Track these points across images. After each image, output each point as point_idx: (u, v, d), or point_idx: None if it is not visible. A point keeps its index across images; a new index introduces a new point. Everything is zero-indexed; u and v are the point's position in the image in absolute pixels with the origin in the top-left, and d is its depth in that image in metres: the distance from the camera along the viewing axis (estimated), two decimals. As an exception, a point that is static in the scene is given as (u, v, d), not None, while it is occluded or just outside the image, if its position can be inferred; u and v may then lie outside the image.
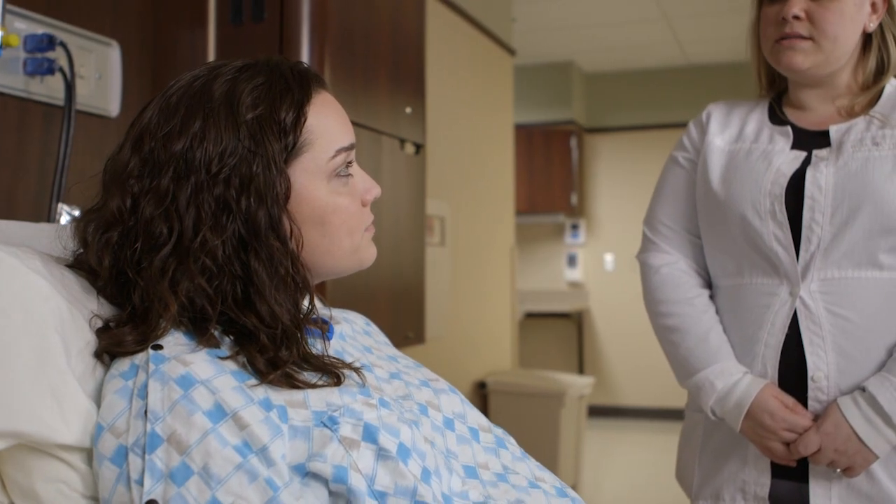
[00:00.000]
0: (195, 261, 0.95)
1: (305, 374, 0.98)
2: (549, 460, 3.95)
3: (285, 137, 1.01)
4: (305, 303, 1.06)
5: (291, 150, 1.01)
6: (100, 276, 1.00)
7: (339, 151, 1.05)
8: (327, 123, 1.05)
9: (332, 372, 0.99)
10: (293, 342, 0.98)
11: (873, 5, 1.56)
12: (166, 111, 1.01)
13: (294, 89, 1.03)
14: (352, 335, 1.18)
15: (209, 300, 0.96)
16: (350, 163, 1.08)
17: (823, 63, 1.55)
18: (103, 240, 0.99)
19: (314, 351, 1.03)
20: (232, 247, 0.97)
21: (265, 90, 1.01)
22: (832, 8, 1.51)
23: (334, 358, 1.03)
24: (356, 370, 1.02)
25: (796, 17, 1.52)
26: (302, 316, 1.02)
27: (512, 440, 1.17)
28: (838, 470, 1.49)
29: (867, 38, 1.58)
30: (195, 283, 0.95)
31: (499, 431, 1.16)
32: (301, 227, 1.02)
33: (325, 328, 1.14)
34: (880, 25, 1.57)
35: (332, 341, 1.10)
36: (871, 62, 1.58)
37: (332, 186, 1.05)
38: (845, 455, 1.46)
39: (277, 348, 0.96)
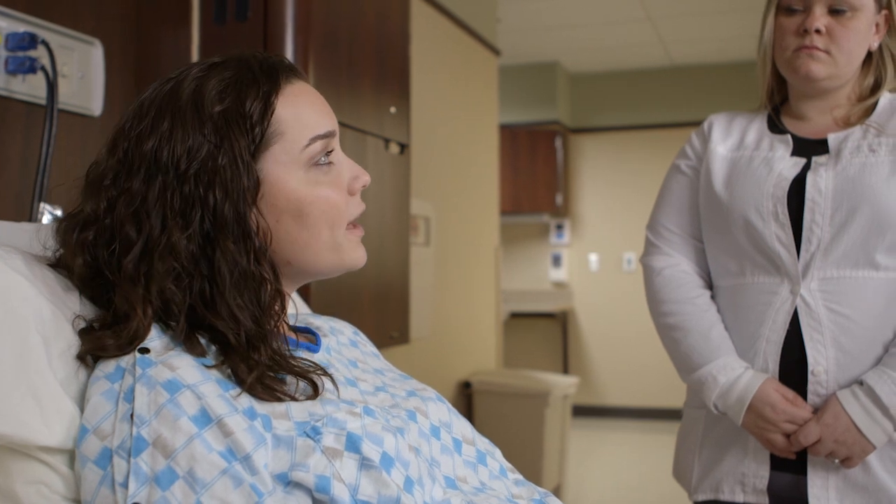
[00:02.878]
0: (162, 261, 0.95)
1: (286, 384, 0.97)
2: (534, 460, 3.96)
3: (252, 130, 1.00)
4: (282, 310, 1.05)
5: (260, 142, 1.00)
6: (74, 275, 0.99)
7: (313, 140, 1.03)
8: (299, 112, 1.04)
9: (307, 377, 0.99)
10: (260, 342, 0.97)
11: (877, 25, 1.65)
12: (139, 113, 1.01)
13: (261, 81, 1.02)
14: (337, 348, 1.16)
15: (175, 302, 0.95)
16: (331, 151, 1.07)
17: (835, 76, 1.64)
18: (79, 239, 0.99)
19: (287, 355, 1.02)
20: (199, 244, 0.97)
21: (231, 84, 1.01)
22: (850, 26, 1.61)
23: (306, 360, 1.02)
24: (327, 374, 1.01)
25: (817, 31, 1.60)
26: (272, 318, 1.00)
27: (497, 453, 1.17)
28: (837, 460, 1.55)
29: (867, 55, 1.68)
30: (163, 285, 0.94)
31: (483, 444, 1.16)
32: (279, 220, 1.01)
33: (312, 339, 1.14)
34: (880, 45, 1.67)
35: (318, 355, 1.09)
36: (870, 78, 1.69)
37: (310, 176, 1.04)
38: (844, 445, 1.53)
39: (247, 350, 0.96)
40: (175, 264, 0.95)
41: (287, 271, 1.06)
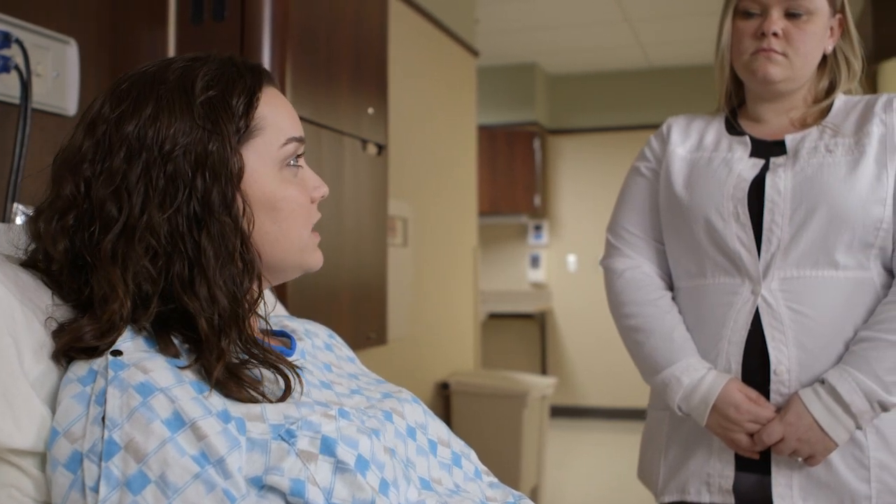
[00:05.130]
0: (140, 240, 0.95)
1: (257, 376, 0.97)
2: (512, 461, 3.96)
3: (237, 121, 1.02)
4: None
5: (244, 133, 1.02)
6: (54, 261, 0.98)
7: (289, 140, 1.06)
8: (277, 113, 1.07)
9: (278, 368, 0.99)
10: (232, 326, 0.97)
11: (831, 29, 1.67)
12: (118, 96, 1.01)
13: (246, 77, 1.05)
14: (312, 352, 1.17)
15: (151, 281, 0.95)
16: (300, 156, 1.10)
17: (792, 78, 1.65)
18: (58, 226, 0.98)
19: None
20: (184, 224, 0.97)
21: (217, 76, 1.02)
22: (806, 29, 1.63)
23: (278, 354, 1.03)
24: (292, 367, 1.01)
25: (774, 34, 1.62)
26: (248, 302, 1.01)
27: (472, 456, 1.18)
28: (800, 459, 1.56)
29: (822, 58, 1.70)
30: (140, 264, 0.94)
31: (458, 446, 1.16)
32: (252, 210, 1.02)
33: (287, 343, 1.14)
34: (834, 48, 1.70)
35: (292, 357, 1.09)
36: (825, 80, 1.71)
37: (282, 175, 1.06)
38: (807, 444, 1.54)
39: (218, 336, 0.95)
40: (154, 243, 0.95)
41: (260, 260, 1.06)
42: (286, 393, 0.98)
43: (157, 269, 0.95)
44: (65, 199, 0.98)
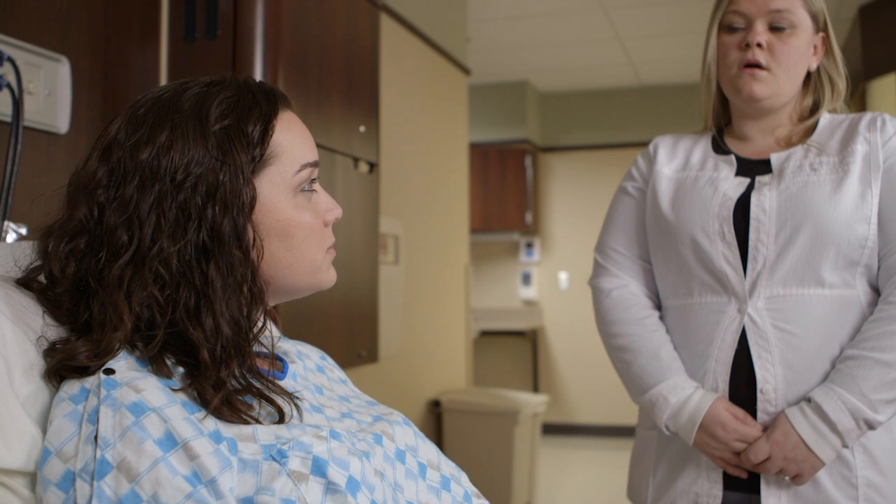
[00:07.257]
0: (150, 269, 0.94)
1: (253, 407, 0.97)
2: (504, 478, 3.95)
3: (252, 149, 1.02)
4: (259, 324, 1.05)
5: (258, 162, 1.02)
6: (59, 283, 0.98)
7: (304, 166, 1.06)
8: (293, 139, 1.06)
9: (274, 402, 0.99)
10: (234, 360, 0.97)
11: (815, 47, 1.69)
12: (134, 122, 1.01)
13: (262, 103, 1.04)
14: (304, 374, 1.17)
15: (160, 309, 0.95)
16: (314, 180, 1.09)
17: (777, 94, 1.66)
18: (68, 248, 0.98)
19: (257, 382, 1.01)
20: (192, 255, 0.97)
21: (233, 103, 1.02)
22: (789, 42, 1.64)
23: (275, 384, 1.02)
24: (292, 399, 1.01)
25: (759, 46, 1.63)
26: (253, 332, 1.01)
27: (464, 479, 1.18)
28: (787, 478, 1.56)
29: (807, 77, 1.72)
30: (148, 292, 0.94)
31: (448, 469, 1.16)
32: (264, 239, 1.03)
33: (279, 366, 1.14)
34: (818, 67, 1.72)
35: (283, 381, 1.09)
36: (809, 99, 1.73)
37: (296, 201, 1.06)
38: (794, 462, 1.53)
39: (218, 367, 0.95)
40: (163, 272, 0.95)
41: (267, 289, 1.06)
42: (280, 422, 0.98)
43: (165, 297, 0.95)
44: (77, 222, 0.98)
